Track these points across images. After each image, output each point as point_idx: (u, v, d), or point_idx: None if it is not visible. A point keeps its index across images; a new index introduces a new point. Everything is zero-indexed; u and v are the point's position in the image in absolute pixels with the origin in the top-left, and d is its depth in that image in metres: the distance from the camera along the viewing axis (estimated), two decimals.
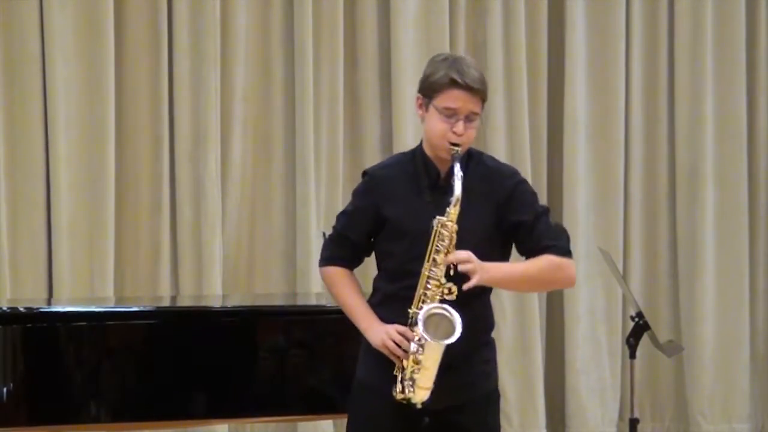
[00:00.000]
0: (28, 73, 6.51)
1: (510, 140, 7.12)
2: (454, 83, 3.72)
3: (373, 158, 6.99)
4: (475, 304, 3.80)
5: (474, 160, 3.83)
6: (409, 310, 3.70)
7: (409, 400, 3.70)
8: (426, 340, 3.65)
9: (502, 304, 7.09)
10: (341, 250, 3.92)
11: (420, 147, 3.89)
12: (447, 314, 3.67)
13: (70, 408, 4.72)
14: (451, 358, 3.70)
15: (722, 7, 7.32)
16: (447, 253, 3.67)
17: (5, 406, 4.67)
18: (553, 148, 7.27)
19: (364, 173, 3.96)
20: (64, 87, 6.52)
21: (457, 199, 3.67)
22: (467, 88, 3.72)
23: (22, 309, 4.98)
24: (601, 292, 7.22)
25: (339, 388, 4.87)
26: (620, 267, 7.03)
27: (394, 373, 3.72)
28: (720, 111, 7.34)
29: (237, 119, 6.81)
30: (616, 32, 7.23)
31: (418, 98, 3.84)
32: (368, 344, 3.81)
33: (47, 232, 6.55)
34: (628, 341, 5.39)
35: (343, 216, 3.95)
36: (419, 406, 3.70)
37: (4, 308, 4.96)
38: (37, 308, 5.16)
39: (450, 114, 3.74)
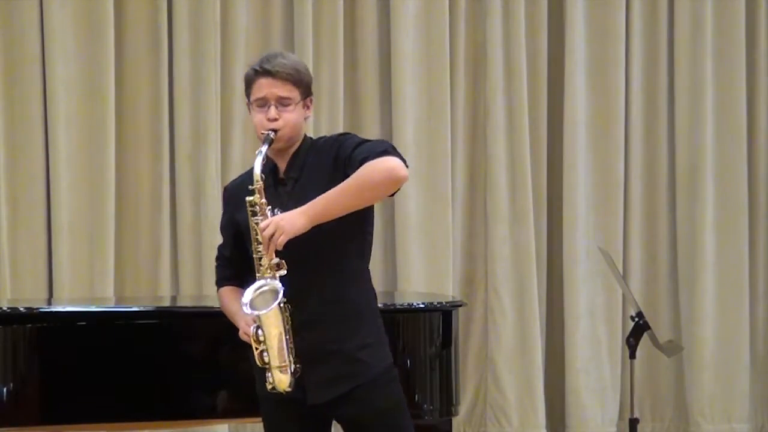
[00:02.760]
0: (28, 73, 6.52)
1: (510, 140, 7.12)
2: (256, 74, 3.82)
3: None
4: (330, 284, 3.80)
5: (306, 145, 3.89)
6: None
7: (275, 387, 3.75)
8: (254, 315, 3.70)
9: (502, 303, 7.09)
10: (223, 270, 4.07)
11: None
12: (267, 286, 3.71)
13: (70, 408, 4.71)
14: (319, 349, 3.75)
15: (722, 7, 7.32)
16: None
17: (5, 406, 4.66)
18: (553, 148, 7.27)
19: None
20: (64, 87, 6.52)
21: (256, 178, 3.72)
22: (267, 73, 3.80)
23: (22, 309, 4.97)
24: (601, 292, 7.22)
25: None
26: (620, 267, 7.04)
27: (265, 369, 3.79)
28: (720, 111, 7.34)
29: (237, 119, 6.81)
30: (616, 32, 7.24)
31: (247, 104, 3.90)
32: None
33: (47, 232, 6.56)
34: (628, 341, 5.40)
35: (221, 239, 4.09)
36: (288, 388, 3.73)
37: (4, 308, 4.95)
38: (37, 308, 5.15)
39: (262, 104, 3.82)
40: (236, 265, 3.98)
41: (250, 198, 3.73)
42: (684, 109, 7.33)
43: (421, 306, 5.10)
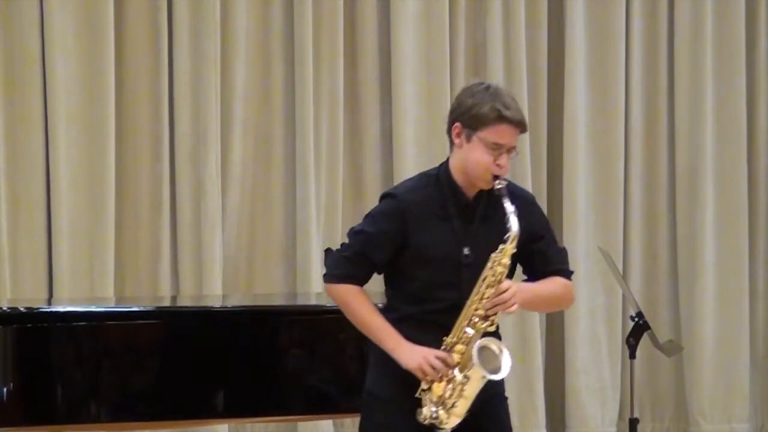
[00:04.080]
0: (28, 72, 6.52)
1: None
2: (503, 119, 3.74)
3: (373, 158, 7.00)
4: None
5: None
6: (445, 338, 3.73)
7: (435, 425, 3.73)
8: (485, 374, 3.69)
9: None
10: (358, 269, 3.86)
11: (445, 171, 3.86)
12: (496, 350, 3.72)
13: (70, 408, 4.72)
14: None
15: (722, 7, 7.32)
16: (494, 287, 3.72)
17: (5, 406, 4.67)
18: (553, 148, 7.27)
19: (389, 195, 3.90)
20: (64, 86, 6.52)
21: (515, 236, 3.71)
22: (517, 123, 3.76)
23: (22, 309, 4.98)
24: (601, 292, 7.21)
25: (339, 388, 4.89)
26: (620, 267, 7.03)
27: (417, 395, 3.74)
28: (720, 111, 7.34)
29: (237, 119, 6.81)
30: (616, 32, 7.23)
31: (456, 127, 3.80)
32: (383, 359, 3.81)
33: (47, 232, 6.55)
34: (628, 341, 5.40)
35: (362, 235, 3.86)
36: (447, 427, 3.74)
37: (4, 308, 4.96)
38: (37, 308, 5.15)
39: (495, 147, 3.74)
40: (374, 270, 3.88)
41: (499, 255, 3.71)
42: (684, 109, 7.32)
43: None
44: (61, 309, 5.42)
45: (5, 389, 4.68)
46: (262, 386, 4.86)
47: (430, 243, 3.78)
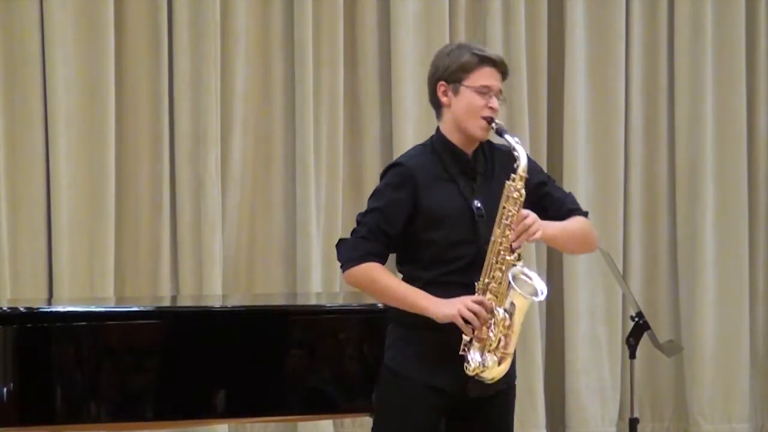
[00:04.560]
0: (28, 73, 6.52)
1: None
2: (485, 61, 3.84)
3: (373, 158, 7.00)
4: None
5: (485, 143, 3.94)
6: (476, 283, 3.79)
7: (479, 376, 3.77)
8: (528, 297, 3.78)
9: None
10: (377, 246, 3.86)
11: (438, 138, 3.92)
12: (526, 278, 3.79)
13: (70, 408, 4.72)
14: None
15: (722, 7, 7.32)
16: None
17: (5, 406, 4.67)
18: (553, 148, 7.27)
19: (394, 165, 3.94)
20: (64, 86, 6.52)
21: (525, 165, 3.79)
22: (494, 65, 3.85)
23: (22, 309, 4.97)
24: (601, 292, 7.22)
25: (339, 388, 4.88)
26: (620, 267, 7.03)
27: (461, 352, 3.77)
28: (720, 111, 7.34)
29: (237, 119, 6.81)
30: (616, 32, 7.23)
31: (441, 86, 3.88)
32: (406, 336, 3.86)
33: (47, 232, 6.55)
34: (628, 341, 5.40)
35: (373, 213, 3.87)
36: (491, 380, 3.80)
37: (4, 308, 4.96)
38: (37, 308, 5.15)
39: (485, 91, 3.83)
40: (393, 243, 3.88)
41: (513, 183, 3.77)
42: (684, 109, 7.32)
43: None
44: (61, 309, 5.41)
45: (5, 389, 4.68)
46: (262, 386, 4.86)
47: (439, 204, 3.83)
